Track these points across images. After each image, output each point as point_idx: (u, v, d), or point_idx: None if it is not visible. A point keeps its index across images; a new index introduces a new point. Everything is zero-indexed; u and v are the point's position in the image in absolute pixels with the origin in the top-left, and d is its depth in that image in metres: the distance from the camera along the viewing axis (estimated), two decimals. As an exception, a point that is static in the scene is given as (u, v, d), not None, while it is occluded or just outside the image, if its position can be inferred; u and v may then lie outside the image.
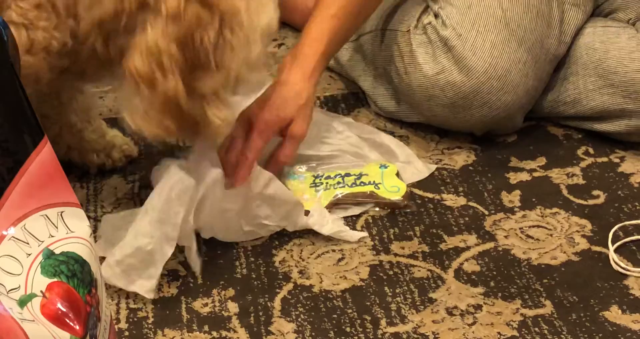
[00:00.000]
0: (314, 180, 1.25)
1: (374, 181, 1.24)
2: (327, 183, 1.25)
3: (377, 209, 1.23)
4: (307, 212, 1.17)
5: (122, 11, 0.99)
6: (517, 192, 1.24)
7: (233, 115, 1.09)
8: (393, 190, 1.23)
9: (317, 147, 1.28)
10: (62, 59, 1.02)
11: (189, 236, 1.08)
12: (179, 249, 1.14)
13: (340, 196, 1.22)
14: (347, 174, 1.25)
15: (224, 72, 1.01)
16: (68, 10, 1.00)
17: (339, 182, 1.25)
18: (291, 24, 1.62)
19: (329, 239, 1.16)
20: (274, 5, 1.05)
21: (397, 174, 1.25)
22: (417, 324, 1.02)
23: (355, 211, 1.22)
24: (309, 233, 1.17)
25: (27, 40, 0.98)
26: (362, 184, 1.24)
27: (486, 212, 1.20)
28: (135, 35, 0.99)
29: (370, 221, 1.20)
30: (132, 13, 0.99)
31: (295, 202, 1.16)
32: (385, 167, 1.26)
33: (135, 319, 1.04)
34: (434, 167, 1.31)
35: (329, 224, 1.16)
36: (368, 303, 1.06)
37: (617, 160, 1.30)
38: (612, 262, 1.10)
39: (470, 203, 1.22)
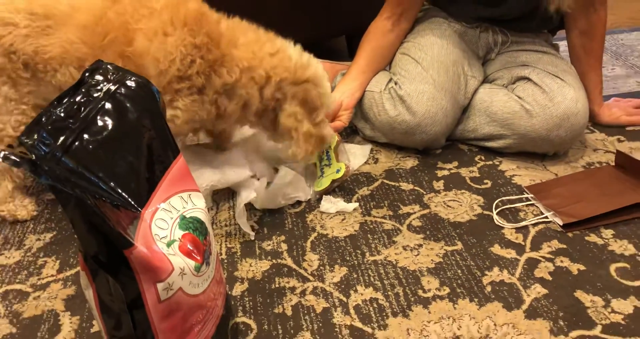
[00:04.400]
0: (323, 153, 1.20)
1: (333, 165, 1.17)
2: (324, 165, 1.19)
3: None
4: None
5: (268, 106, 1.05)
6: (442, 181, 1.24)
7: (332, 130, 1.14)
8: (338, 172, 1.18)
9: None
10: (196, 123, 1.06)
11: (247, 227, 1.07)
12: (254, 214, 1.13)
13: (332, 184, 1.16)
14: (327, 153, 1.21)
15: (324, 108, 1.08)
16: (202, 103, 1.03)
17: (326, 164, 1.18)
18: None
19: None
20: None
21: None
22: (386, 255, 1.03)
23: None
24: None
25: (185, 117, 1.02)
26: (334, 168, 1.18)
27: (424, 193, 1.20)
28: (281, 110, 1.06)
29: (360, 197, 1.19)
30: (274, 106, 1.06)
31: (303, 185, 1.15)
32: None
33: (230, 253, 1.05)
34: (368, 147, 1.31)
35: (334, 206, 1.14)
36: (358, 244, 1.06)
37: (497, 163, 1.29)
38: (495, 220, 1.11)
39: (415, 188, 1.22)
